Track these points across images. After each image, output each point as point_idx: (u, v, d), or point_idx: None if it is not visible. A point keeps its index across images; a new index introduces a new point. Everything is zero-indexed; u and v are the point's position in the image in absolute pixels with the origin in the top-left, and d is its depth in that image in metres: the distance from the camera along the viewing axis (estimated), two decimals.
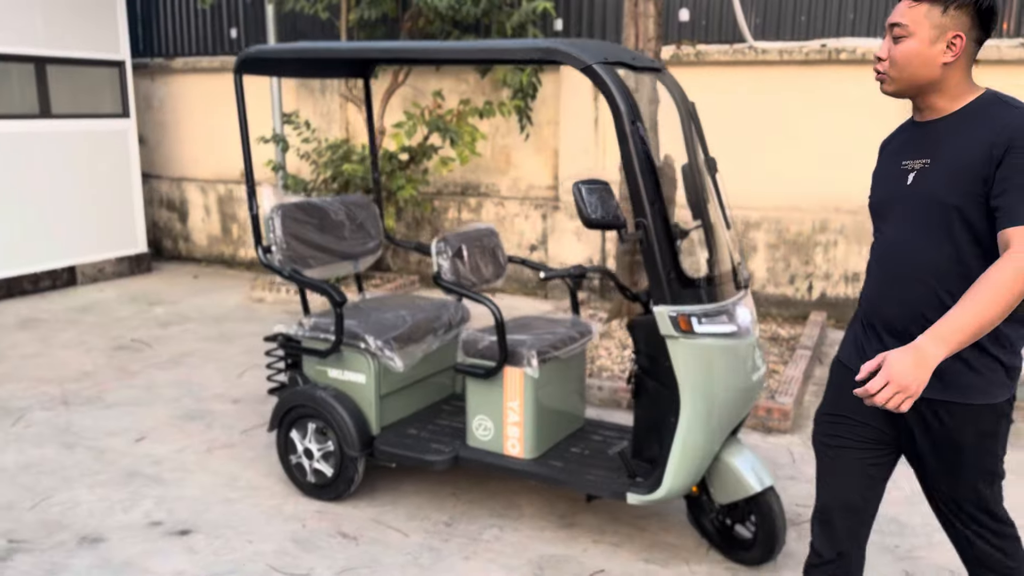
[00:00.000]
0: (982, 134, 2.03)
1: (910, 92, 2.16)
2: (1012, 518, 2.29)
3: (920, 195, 2.12)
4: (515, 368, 3.43)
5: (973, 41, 2.08)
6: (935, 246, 2.10)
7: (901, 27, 2.10)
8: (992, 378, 2.12)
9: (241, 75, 3.79)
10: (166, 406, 4.88)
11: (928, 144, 2.14)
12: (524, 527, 3.52)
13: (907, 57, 2.10)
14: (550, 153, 7.82)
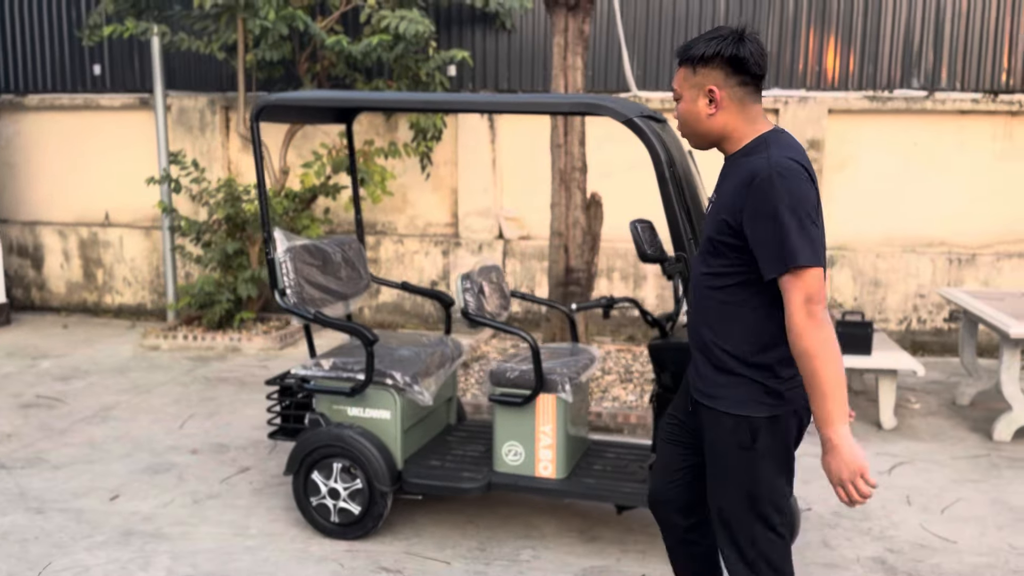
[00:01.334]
0: (739, 178, 2.24)
1: (703, 144, 2.41)
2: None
3: (705, 227, 2.40)
4: (548, 394, 3.67)
5: (737, 87, 2.29)
6: (705, 274, 2.37)
7: (675, 92, 2.40)
8: (746, 392, 2.30)
9: (258, 122, 3.80)
10: (121, 462, 4.63)
11: (719, 181, 2.39)
12: (553, 545, 3.74)
13: (683, 117, 2.38)
14: (447, 191, 8.07)
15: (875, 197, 7.40)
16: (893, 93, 7.24)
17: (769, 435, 2.30)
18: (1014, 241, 7.29)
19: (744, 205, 2.21)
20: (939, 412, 5.66)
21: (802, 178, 2.20)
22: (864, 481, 2.11)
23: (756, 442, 2.30)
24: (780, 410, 2.31)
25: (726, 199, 2.28)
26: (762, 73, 2.32)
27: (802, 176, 2.20)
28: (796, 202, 2.16)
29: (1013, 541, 3.81)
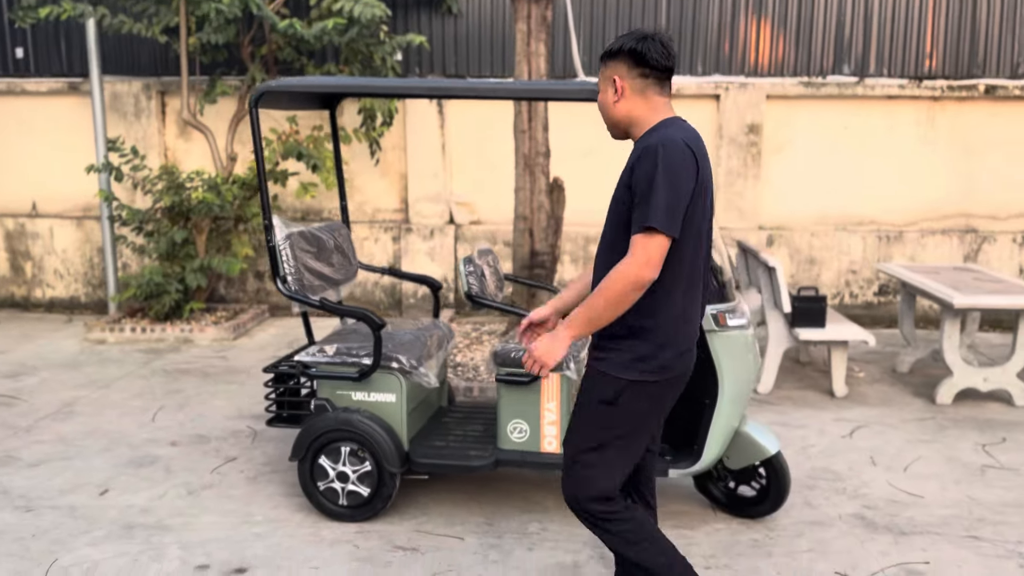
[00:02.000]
0: (635, 153, 2.51)
1: (617, 133, 2.67)
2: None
3: (610, 204, 2.63)
4: (554, 372, 3.80)
5: (638, 78, 2.54)
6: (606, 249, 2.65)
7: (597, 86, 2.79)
8: (616, 358, 2.56)
9: (257, 108, 3.76)
10: (101, 457, 4.53)
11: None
12: (557, 517, 3.88)
13: (599, 108, 2.68)
14: (396, 177, 8.07)
15: (810, 179, 7.79)
16: (826, 79, 7.63)
17: (632, 397, 2.58)
18: (937, 219, 7.80)
19: (632, 168, 2.50)
20: (882, 380, 6.05)
21: (685, 156, 2.45)
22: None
23: (619, 399, 2.58)
24: (651, 376, 2.56)
25: (625, 173, 2.55)
26: (663, 67, 2.56)
27: (686, 154, 2.45)
28: (672, 174, 2.41)
29: (971, 493, 4.16)
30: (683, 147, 2.45)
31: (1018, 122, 7.60)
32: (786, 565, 3.45)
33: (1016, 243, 7.68)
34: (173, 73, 8.01)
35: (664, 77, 2.59)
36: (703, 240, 2.60)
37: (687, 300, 2.60)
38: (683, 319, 2.60)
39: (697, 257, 2.60)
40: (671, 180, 2.40)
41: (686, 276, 2.57)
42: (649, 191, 2.41)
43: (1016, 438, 4.90)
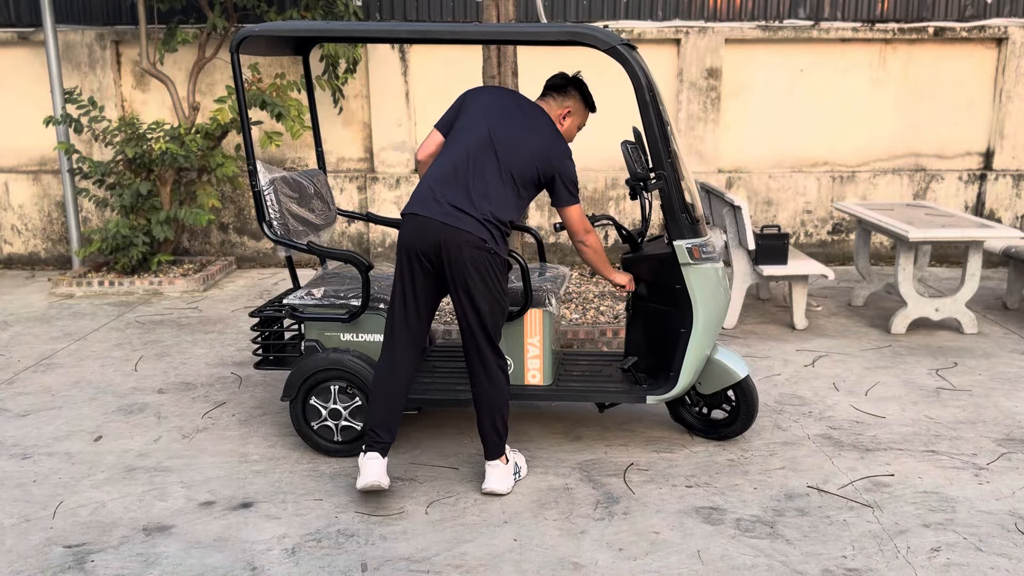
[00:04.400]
0: None
1: None
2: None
3: None
4: (536, 309, 3.95)
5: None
6: None
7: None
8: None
9: (238, 54, 3.77)
10: (89, 406, 4.58)
11: None
12: (545, 445, 4.07)
13: None
14: (359, 126, 8.06)
15: (767, 122, 7.99)
16: (783, 23, 7.79)
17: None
18: (888, 159, 8.08)
19: None
20: (839, 313, 6.34)
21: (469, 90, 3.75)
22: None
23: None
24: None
25: None
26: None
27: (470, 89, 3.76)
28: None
29: (928, 413, 4.45)
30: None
31: (964, 63, 7.88)
32: (762, 481, 3.69)
33: (962, 181, 8.01)
34: (127, 22, 7.84)
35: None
36: (470, 149, 3.42)
37: (438, 183, 3.38)
38: (424, 194, 3.39)
39: (461, 159, 3.40)
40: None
41: (444, 167, 3.42)
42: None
43: (967, 362, 5.22)
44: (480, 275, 3.36)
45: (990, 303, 6.53)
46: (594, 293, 6.36)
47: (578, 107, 3.66)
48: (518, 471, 3.68)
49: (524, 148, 3.45)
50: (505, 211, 3.42)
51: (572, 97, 3.64)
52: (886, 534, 3.25)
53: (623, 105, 7.66)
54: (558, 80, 3.64)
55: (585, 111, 3.70)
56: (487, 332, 3.44)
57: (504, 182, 3.42)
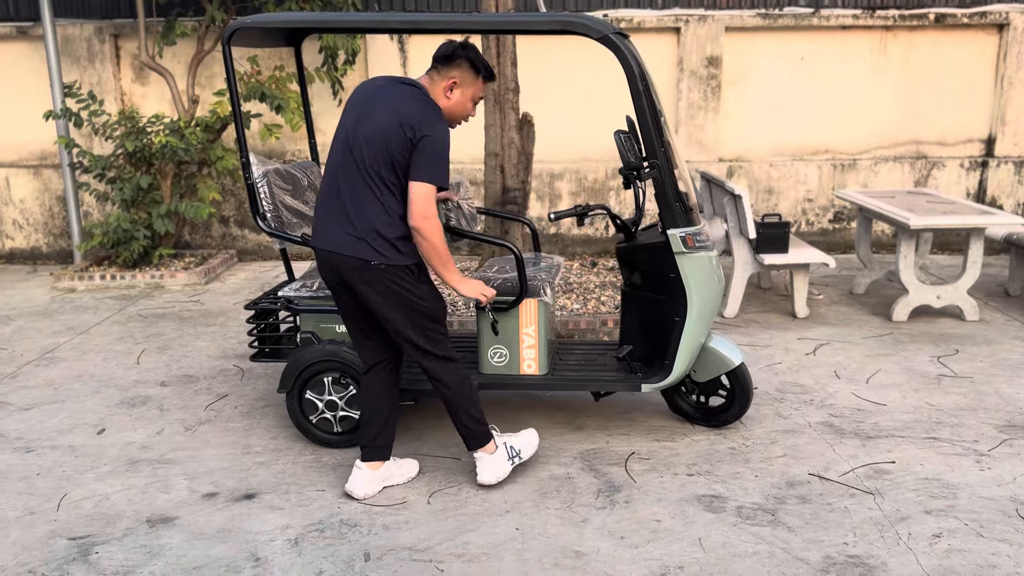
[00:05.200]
0: None
1: None
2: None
3: None
4: (531, 299, 3.94)
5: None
6: None
7: None
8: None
9: (229, 45, 3.77)
10: (92, 399, 4.59)
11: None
12: (547, 435, 4.08)
13: None
14: None
15: (767, 110, 7.97)
16: (783, 10, 7.76)
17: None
18: (888, 146, 8.06)
19: None
20: (840, 301, 6.34)
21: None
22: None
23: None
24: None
25: None
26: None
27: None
28: None
29: (930, 400, 4.46)
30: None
31: (965, 49, 7.85)
32: (763, 469, 3.70)
33: (963, 168, 7.99)
34: (126, 15, 7.83)
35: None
36: (337, 162, 3.25)
37: (320, 209, 3.31)
38: (315, 223, 3.33)
39: (332, 176, 3.25)
40: None
41: (323, 189, 3.30)
42: None
43: (968, 350, 5.21)
44: (377, 293, 3.24)
45: (992, 290, 6.52)
46: (595, 283, 6.36)
47: (467, 76, 3.25)
48: (516, 454, 3.63)
49: (374, 130, 3.13)
50: (386, 221, 3.17)
51: (458, 66, 3.23)
52: (887, 520, 3.26)
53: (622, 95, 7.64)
54: (444, 49, 3.25)
55: (477, 79, 3.27)
56: (414, 341, 3.34)
57: (374, 186, 3.15)
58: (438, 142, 3.10)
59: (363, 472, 3.49)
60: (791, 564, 2.98)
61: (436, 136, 3.10)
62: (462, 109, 3.29)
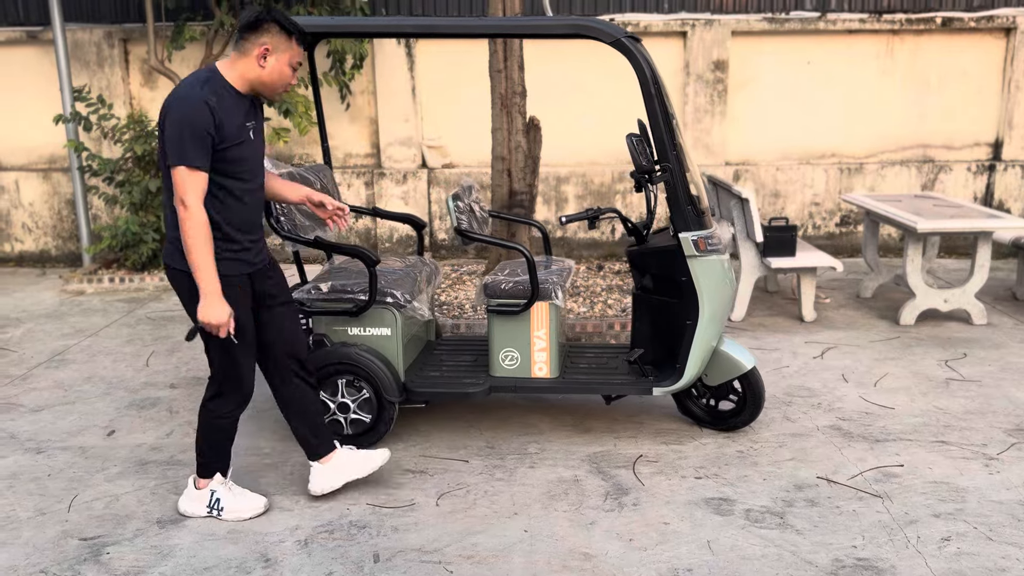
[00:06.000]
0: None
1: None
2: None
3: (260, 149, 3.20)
4: (543, 302, 3.96)
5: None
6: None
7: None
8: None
9: None
10: (102, 401, 4.61)
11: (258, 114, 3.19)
12: (554, 438, 4.08)
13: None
14: (366, 121, 8.08)
15: (774, 114, 7.98)
16: (789, 15, 7.77)
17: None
18: (895, 150, 8.06)
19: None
20: (847, 305, 6.33)
21: None
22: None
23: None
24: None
25: (263, 121, 3.23)
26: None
27: None
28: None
29: (938, 404, 4.45)
30: None
31: (973, 53, 7.84)
32: (771, 472, 3.70)
33: (971, 172, 7.98)
34: (135, 20, 7.88)
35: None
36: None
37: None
38: None
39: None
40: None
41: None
42: None
43: (976, 353, 5.21)
44: (179, 297, 3.18)
45: (999, 294, 6.51)
46: (601, 287, 6.37)
47: (279, 40, 3.03)
48: (218, 508, 3.37)
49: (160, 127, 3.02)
50: (171, 220, 3.07)
51: (267, 31, 3.01)
52: (896, 524, 3.26)
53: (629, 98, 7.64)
54: (248, 16, 3.04)
55: (290, 42, 3.06)
56: (207, 353, 3.22)
57: (165, 186, 3.07)
58: (176, 120, 2.90)
59: (317, 468, 3.49)
60: (800, 567, 2.98)
61: (174, 114, 2.91)
62: (280, 76, 3.08)
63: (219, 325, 2.99)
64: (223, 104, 2.96)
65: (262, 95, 3.15)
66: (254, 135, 3.13)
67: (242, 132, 3.04)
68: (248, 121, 3.08)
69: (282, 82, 3.11)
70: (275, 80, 3.08)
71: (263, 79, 3.06)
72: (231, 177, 3.04)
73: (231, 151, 3.00)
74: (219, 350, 3.17)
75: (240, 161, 3.05)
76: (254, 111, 3.15)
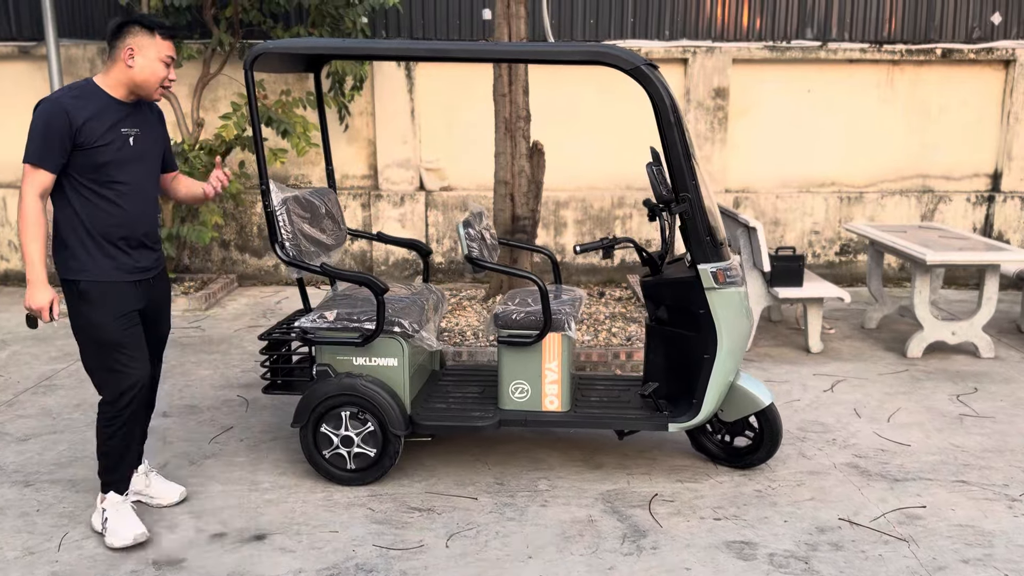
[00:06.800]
0: (155, 113, 3.36)
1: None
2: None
3: (154, 152, 3.34)
4: (555, 333, 3.84)
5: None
6: (155, 186, 3.36)
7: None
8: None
9: (252, 71, 3.67)
10: (92, 430, 4.42)
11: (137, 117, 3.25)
12: (564, 474, 3.95)
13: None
14: (364, 143, 7.97)
15: (774, 142, 7.94)
16: (790, 43, 7.75)
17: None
18: (895, 180, 8.03)
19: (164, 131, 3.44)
20: (853, 336, 6.25)
21: None
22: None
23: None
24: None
25: (160, 128, 3.40)
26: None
27: None
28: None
29: (954, 441, 4.36)
30: None
31: (972, 85, 7.85)
32: (792, 513, 3.58)
33: (970, 202, 7.96)
34: None
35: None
36: None
37: None
38: None
39: None
40: None
41: None
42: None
43: (987, 388, 5.13)
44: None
45: (1003, 326, 6.45)
46: (605, 314, 6.26)
47: (142, 39, 3.13)
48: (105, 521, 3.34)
49: None
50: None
51: (130, 33, 3.13)
52: (924, 570, 3.15)
53: (628, 123, 7.61)
54: (111, 26, 3.19)
55: (153, 39, 3.16)
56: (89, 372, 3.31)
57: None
58: (34, 120, 3.10)
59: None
60: None
61: (34, 116, 3.11)
62: (152, 73, 3.17)
63: (40, 309, 3.12)
64: (88, 108, 3.09)
65: (143, 95, 3.22)
66: (135, 141, 3.22)
67: (112, 136, 3.13)
68: (126, 127, 3.18)
69: (156, 78, 3.20)
70: (148, 78, 3.18)
71: (135, 79, 3.16)
72: (98, 181, 3.14)
73: (96, 154, 3.10)
74: (89, 354, 3.25)
75: (107, 165, 3.13)
76: (141, 118, 3.26)
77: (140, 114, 3.27)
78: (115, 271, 3.21)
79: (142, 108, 3.29)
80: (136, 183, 3.24)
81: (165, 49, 3.21)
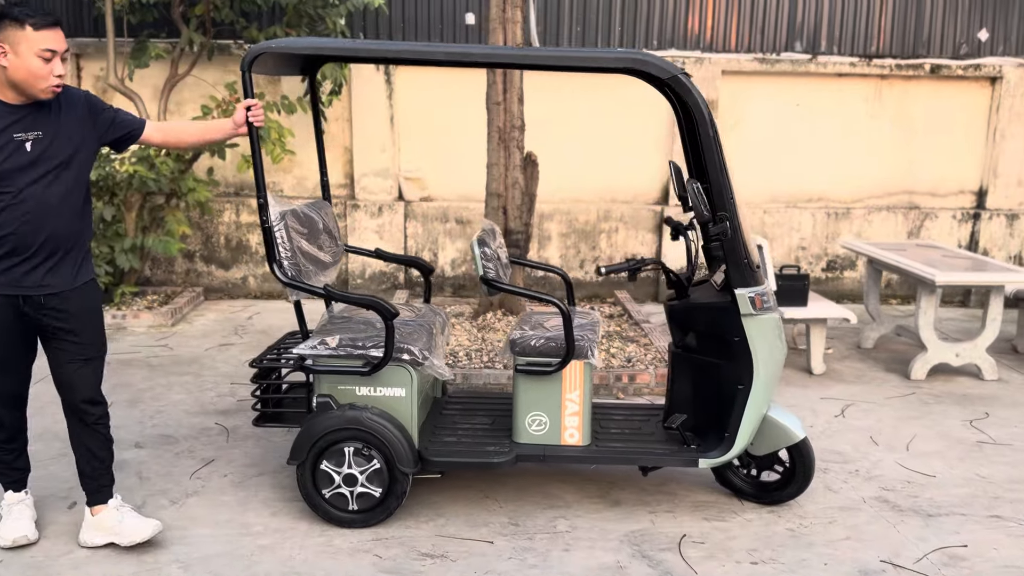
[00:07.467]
0: (73, 106, 3.07)
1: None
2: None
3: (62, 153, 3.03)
4: (578, 361, 3.56)
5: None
6: (67, 194, 3.05)
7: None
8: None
9: (250, 72, 3.34)
10: (58, 464, 4.03)
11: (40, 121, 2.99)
12: (582, 513, 3.67)
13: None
14: (340, 151, 7.62)
15: (763, 156, 7.79)
16: (780, 56, 7.61)
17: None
18: (882, 195, 7.94)
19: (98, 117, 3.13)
20: (851, 356, 6.10)
21: None
22: None
23: None
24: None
25: (78, 127, 3.07)
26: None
27: None
28: None
29: (978, 471, 4.19)
30: None
31: (959, 100, 7.79)
32: (831, 555, 3.35)
33: (956, 219, 7.91)
34: (89, 34, 7.30)
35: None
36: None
37: None
38: None
39: None
40: None
41: None
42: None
43: (997, 413, 4.99)
44: None
45: (1000, 346, 6.34)
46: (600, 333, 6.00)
47: (12, 33, 2.89)
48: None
49: None
50: None
51: (0, 28, 2.91)
52: None
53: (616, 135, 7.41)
54: None
55: (25, 31, 2.89)
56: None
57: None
58: None
59: (87, 519, 3.34)
60: None
61: None
62: (29, 69, 2.91)
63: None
64: None
65: (29, 94, 2.95)
66: (33, 146, 2.96)
67: (1, 143, 2.92)
68: (20, 132, 2.94)
69: (35, 74, 2.92)
70: (26, 75, 2.92)
71: (14, 78, 2.92)
72: None
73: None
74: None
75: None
76: (44, 119, 2.99)
77: (43, 115, 2.99)
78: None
79: (47, 108, 3.01)
80: (31, 192, 2.97)
81: (41, 42, 2.90)
